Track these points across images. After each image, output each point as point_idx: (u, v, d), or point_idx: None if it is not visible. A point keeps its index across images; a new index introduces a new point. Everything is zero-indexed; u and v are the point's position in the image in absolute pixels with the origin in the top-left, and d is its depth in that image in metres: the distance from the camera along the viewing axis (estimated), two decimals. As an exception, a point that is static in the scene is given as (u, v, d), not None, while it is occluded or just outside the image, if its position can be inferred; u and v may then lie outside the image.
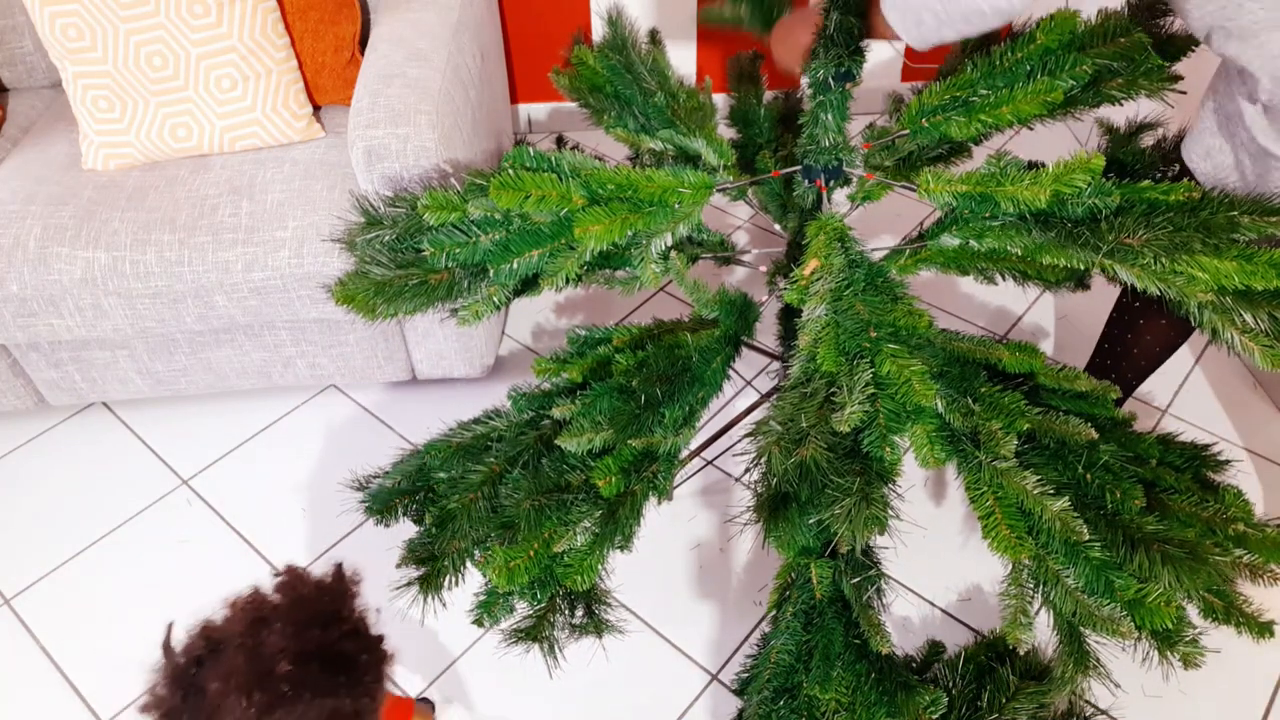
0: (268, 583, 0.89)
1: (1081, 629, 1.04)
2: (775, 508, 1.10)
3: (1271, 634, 1.07)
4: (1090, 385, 1.09)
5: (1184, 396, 1.85)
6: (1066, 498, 0.96)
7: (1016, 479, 0.97)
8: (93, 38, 1.63)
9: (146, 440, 1.88)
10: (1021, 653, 1.02)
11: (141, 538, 1.70)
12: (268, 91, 1.70)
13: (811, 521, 1.08)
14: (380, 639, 0.91)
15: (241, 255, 1.58)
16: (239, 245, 1.58)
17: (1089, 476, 1.03)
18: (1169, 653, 1.00)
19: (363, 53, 1.77)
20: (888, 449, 1.01)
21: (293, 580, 0.90)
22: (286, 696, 0.80)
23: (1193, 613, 1.07)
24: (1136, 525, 1.00)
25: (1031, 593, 1.01)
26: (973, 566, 1.58)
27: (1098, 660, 1.06)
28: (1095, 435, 1.01)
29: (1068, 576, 0.99)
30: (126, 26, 1.62)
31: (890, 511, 1.01)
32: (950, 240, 1.15)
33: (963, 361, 1.10)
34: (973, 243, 1.12)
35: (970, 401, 1.04)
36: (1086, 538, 0.96)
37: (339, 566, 0.93)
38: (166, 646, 0.85)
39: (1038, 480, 0.97)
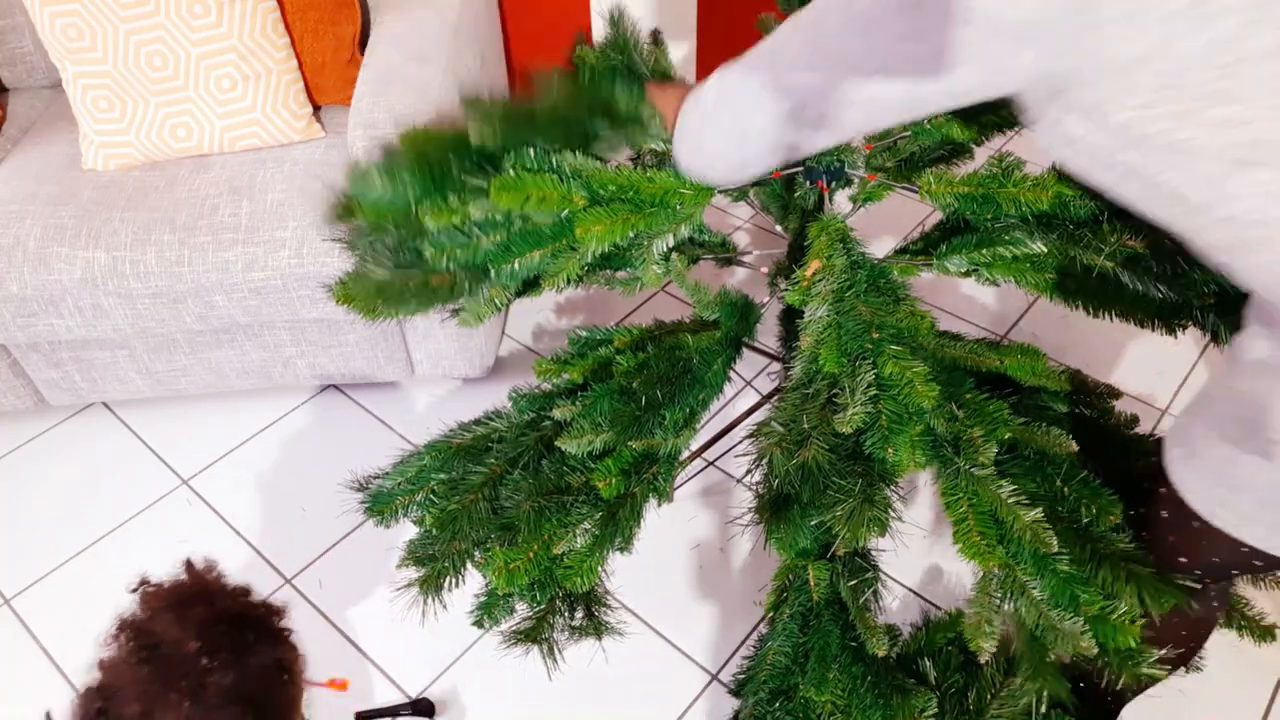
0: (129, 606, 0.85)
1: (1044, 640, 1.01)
2: (777, 509, 1.10)
3: (1273, 638, 1.07)
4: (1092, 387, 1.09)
5: (1184, 396, 1.85)
6: (1040, 509, 0.94)
7: (991, 487, 0.96)
8: (93, 38, 1.62)
9: (146, 440, 1.87)
10: (982, 661, 1.00)
11: (141, 538, 1.70)
12: (268, 91, 1.70)
13: (813, 523, 1.08)
14: (264, 601, 0.88)
15: (241, 255, 1.58)
16: (239, 245, 1.58)
17: (1066, 490, 1.01)
18: (1127, 671, 0.97)
19: (363, 53, 1.77)
20: (890, 450, 1.01)
21: (150, 586, 0.86)
22: (210, 668, 0.77)
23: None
24: (1106, 541, 0.98)
25: (999, 602, 1.00)
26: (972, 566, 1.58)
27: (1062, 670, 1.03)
28: (1076, 448, 0.99)
29: (1034, 588, 0.97)
30: (126, 26, 1.62)
31: (891, 513, 1.01)
32: (958, 264, 1.13)
33: (951, 367, 1.09)
34: (982, 270, 1.11)
35: (955, 407, 1.03)
36: (1055, 550, 0.94)
37: (187, 560, 0.90)
38: None
39: (1013, 490, 0.95)
